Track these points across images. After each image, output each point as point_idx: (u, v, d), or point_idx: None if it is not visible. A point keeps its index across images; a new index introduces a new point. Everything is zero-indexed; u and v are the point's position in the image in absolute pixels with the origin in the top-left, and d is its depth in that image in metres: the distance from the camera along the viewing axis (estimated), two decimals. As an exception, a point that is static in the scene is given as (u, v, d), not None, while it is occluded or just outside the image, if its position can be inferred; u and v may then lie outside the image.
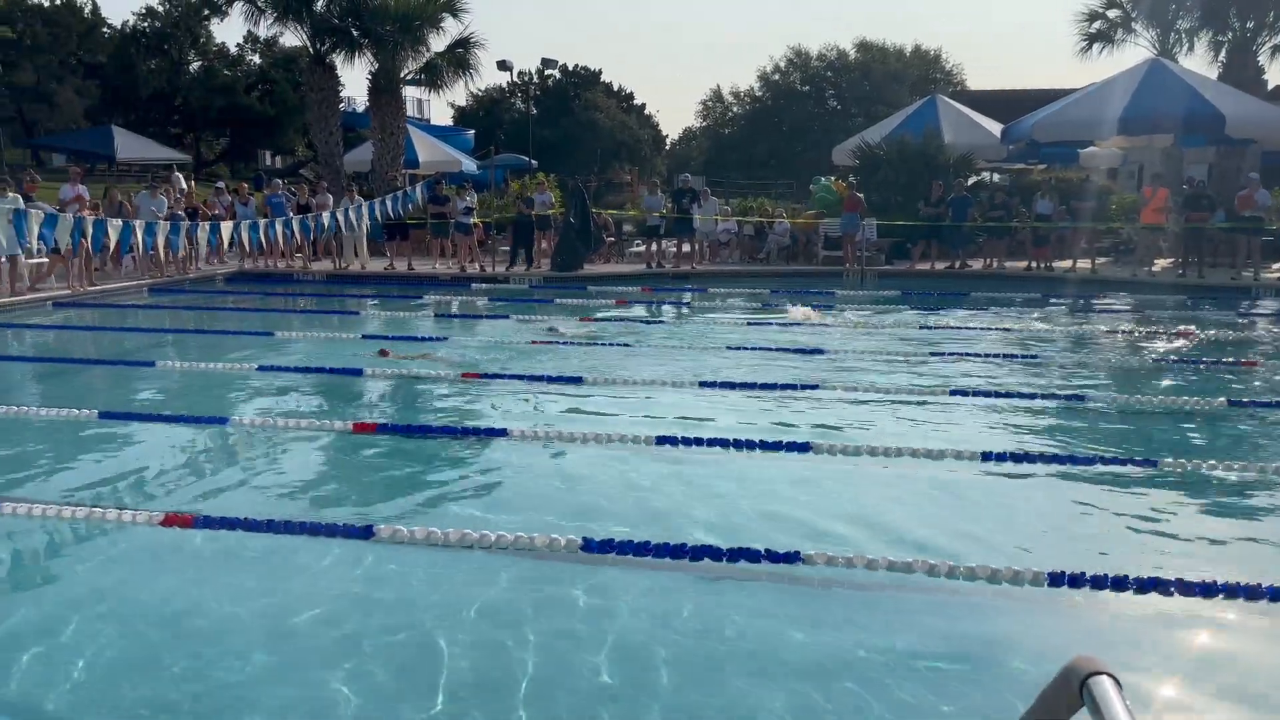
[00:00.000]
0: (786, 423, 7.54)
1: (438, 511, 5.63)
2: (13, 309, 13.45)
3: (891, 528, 5.33)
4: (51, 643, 4.00)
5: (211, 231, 14.38)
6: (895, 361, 10.22)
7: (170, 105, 47.23)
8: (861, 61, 53.86)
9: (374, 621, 4.22)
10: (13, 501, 5.38)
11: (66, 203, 15.82)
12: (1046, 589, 4.42)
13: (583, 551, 4.75)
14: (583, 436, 6.89)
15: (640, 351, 10.71)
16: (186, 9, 46.83)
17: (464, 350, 10.82)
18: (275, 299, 15.61)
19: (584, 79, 60.00)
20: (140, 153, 37.01)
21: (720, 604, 4.39)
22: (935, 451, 6.40)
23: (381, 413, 8.34)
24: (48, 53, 42.58)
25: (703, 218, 19.64)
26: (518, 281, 18.04)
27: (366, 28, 23.23)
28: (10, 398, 8.53)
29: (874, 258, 19.66)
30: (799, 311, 13.53)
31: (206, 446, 7.05)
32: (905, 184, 20.99)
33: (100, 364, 9.85)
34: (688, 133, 69.80)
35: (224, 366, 9.47)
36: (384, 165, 23.59)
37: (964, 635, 4.18)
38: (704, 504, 5.72)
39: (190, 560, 4.86)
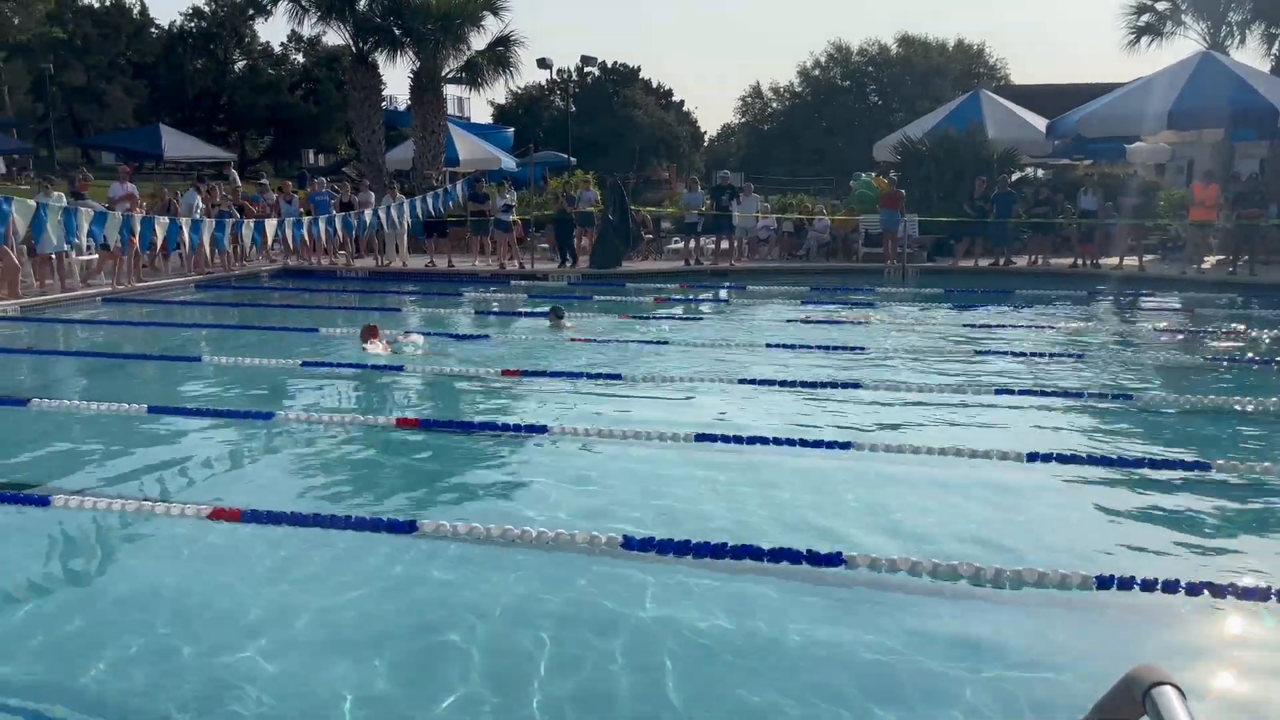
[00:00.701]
0: (827, 421, 7.48)
1: (479, 507, 5.66)
2: (64, 304, 13.74)
3: (935, 529, 5.26)
4: (102, 633, 4.07)
5: (256, 229, 14.56)
6: (938, 360, 10.11)
7: (216, 104, 48.00)
8: (903, 56, 53.35)
9: (417, 616, 4.25)
10: (65, 494, 5.48)
11: (116, 200, 16.12)
12: (1095, 593, 4.35)
13: (623, 549, 4.74)
14: (622, 433, 6.89)
15: (679, 349, 10.69)
16: (232, 9, 47.54)
17: (500, 345, 10.87)
18: (319, 295, 15.79)
19: (623, 76, 60.06)
20: (187, 151, 37.64)
21: (761, 605, 4.36)
22: (980, 451, 6.31)
23: (423, 408, 8.40)
24: (98, 53, 43.45)
25: (742, 215, 19.55)
26: (556, 278, 18.08)
27: (408, 26, 23.41)
28: (62, 392, 8.72)
29: (915, 255, 19.45)
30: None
31: (252, 441, 7.14)
32: (948, 180, 20.74)
33: (149, 359, 10.02)
34: (726, 129, 69.67)
35: (269, 362, 9.60)
36: (425, 163, 23.76)
37: (1010, 640, 4.12)
38: (744, 502, 5.70)
39: (237, 554, 4.93)
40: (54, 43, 41.15)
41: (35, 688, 3.68)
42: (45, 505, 5.34)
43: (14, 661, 3.86)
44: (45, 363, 10.26)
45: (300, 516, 5.15)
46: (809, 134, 52.49)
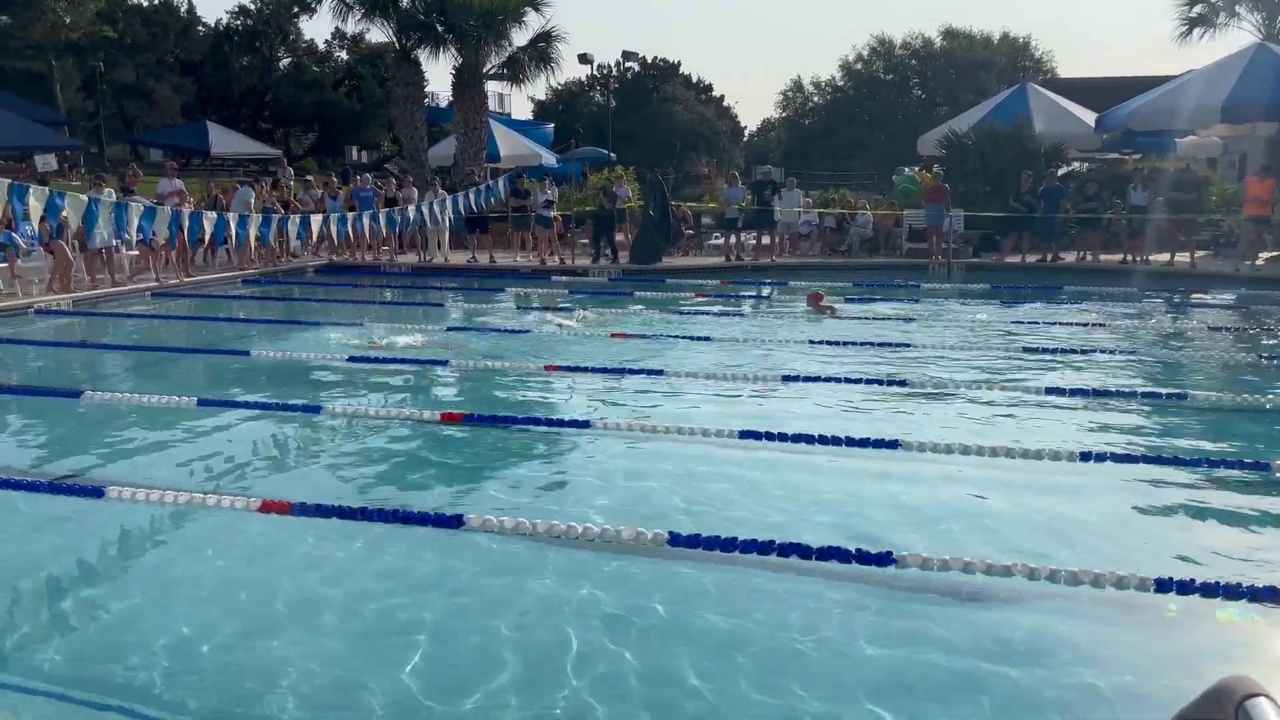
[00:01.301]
0: (873, 419, 7.40)
1: (523, 502, 5.66)
2: (115, 299, 13.99)
3: (987, 529, 5.18)
4: (153, 622, 4.12)
5: (301, 225, 14.72)
6: (985, 357, 9.96)
7: (261, 101, 48.62)
8: (947, 49, 52.65)
9: (464, 610, 4.26)
10: (118, 485, 5.56)
11: (164, 196, 16.38)
12: (1153, 595, 4.25)
13: (669, 545, 4.72)
14: (665, 430, 6.86)
15: (720, 345, 10.63)
16: (278, 7, 48.11)
17: (542, 341, 10.88)
18: (363, 290, 15.93)
19: (663, 71, 59.93)
20: (233, 148, 38.14)
21: (808, 604, 4.32)
22: (1031, 451, 6.20)
23: (468, 403, 8.43)
24: (146, 51, 44.19)
25: (784, 209, 19.42)
26: (596, 274, 18.09)
27: (451, 23, 23.52)
28: (113, 385, 8.87)
29: (960, 250, 19.20)
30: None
31: (300, 434, 7.22)
32: (994, 174, 20.44)
33: (198, 353, 10.17)
34: (766, 124, 69.27)
35: (316, 356, 9.69)
36: (466, 159, 23.87)
37: (1065, 642, 4.04)
38: (790, 500, 5.65)
39: (287, 546, 4.98)
40: (104, 41, 41.89)
41: (87, 673, 3.74)
42: (99, 496, 5.42)
43: (68, 647, 3.92)
44: (97, 356, 10.44)
45: (348, 510, 5.18)
46: (850, 128, 52.01)
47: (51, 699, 3.60)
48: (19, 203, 10.13)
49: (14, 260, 13.65)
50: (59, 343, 11.05)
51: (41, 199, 10.06)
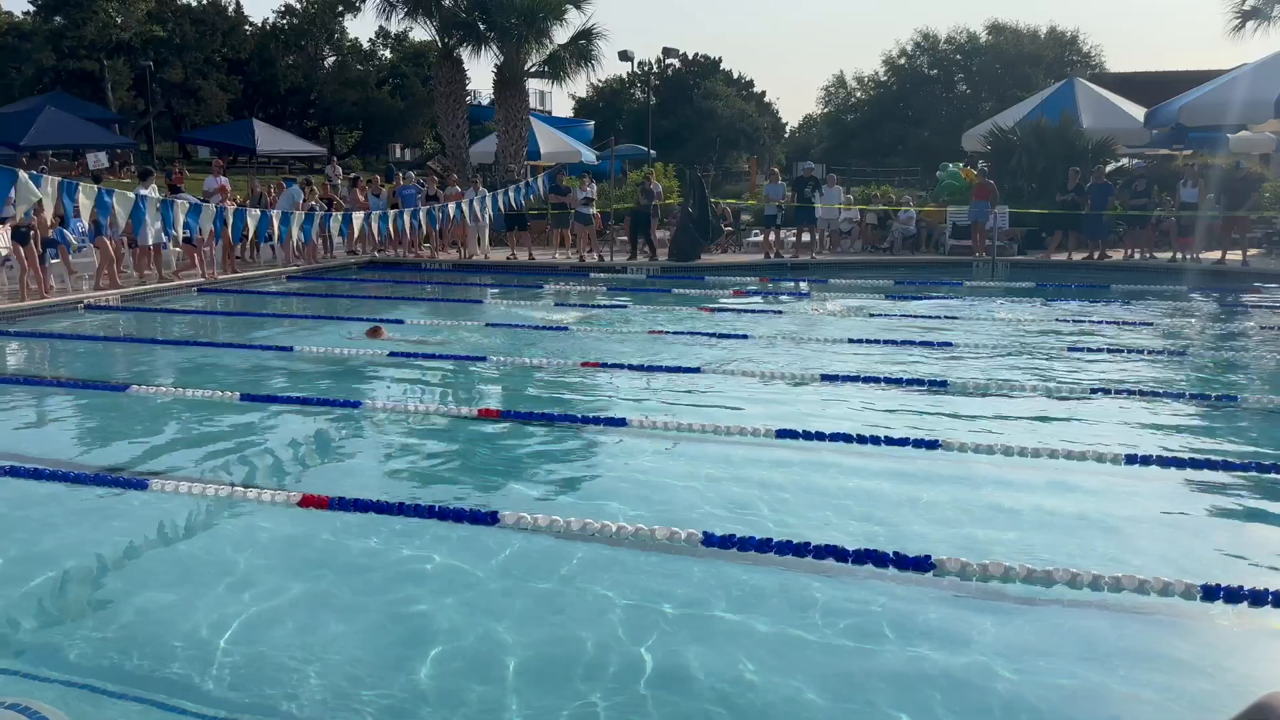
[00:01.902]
0: (914, 419, 7.30)
1: (559, 499, 5.67)
2: (161, 294, 14.23)
3: (1029, 533, 5.09)
4: (194, 614, 4.18)
5: (344, 222, 14.88)
6: (1030, 356, 9.81)
7: (307, 100, 49.18)
8: (993, 44, 51.84)
9: (499, 607, 4.27)
10: (161, 478, 5.65)
11: (210, 193, 16.64)
12: (1199, 602, 4.14)
13: (703, 545, 4.69)
14: (701, 428, 6.83)
15: (759, 343, 10.57)
16: (323, 6, 48.62)
17: (579, 337, 10.89)
18: (405, 287, 16.07)
19: (704, 67, 59.72)
20: (278, 145, 38.67)
21: (845, 607, 4.27)
22: (1075, 453, 6.08)
23: (505, 399, 8.46)
24: (195, 50, 44.87)
25: (824, 206, 19.27)
26: (635, 271, 18.08)
27: (492, 21, 23.60)
28: (159, 379, 9.02)
29: (1005, 247, 18.93)
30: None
31: (340, 429, 7.28)
32: (1040, 170, 20.13)
33: (242, 348, 10.30)
34: (808, 120, 68.74)
35: (357, 351, 9.78)
36: (507, 157, 23.97)
37: (1107, 649, 3.96)
38: (827, 501, 5.60)
39: (325, 541, 5.03)
40: (155, 41, 42.62)
41: (129, 662, 3.79)
42: (143, 489, 5.51)
43: (111, 637, 3.98)
44: (143, 350, 10.63)
45: (386, 505, 5.21)
46: (893, 124, 51.42)
47: (94, 688, 3.65)
48: (70, 200, 10.33)
49: (66, 256, 13.94)
50: (108, 337, 11.26)
51: (91, 196, 10.25)
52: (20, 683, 3.67)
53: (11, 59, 41.25)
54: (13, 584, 4.52)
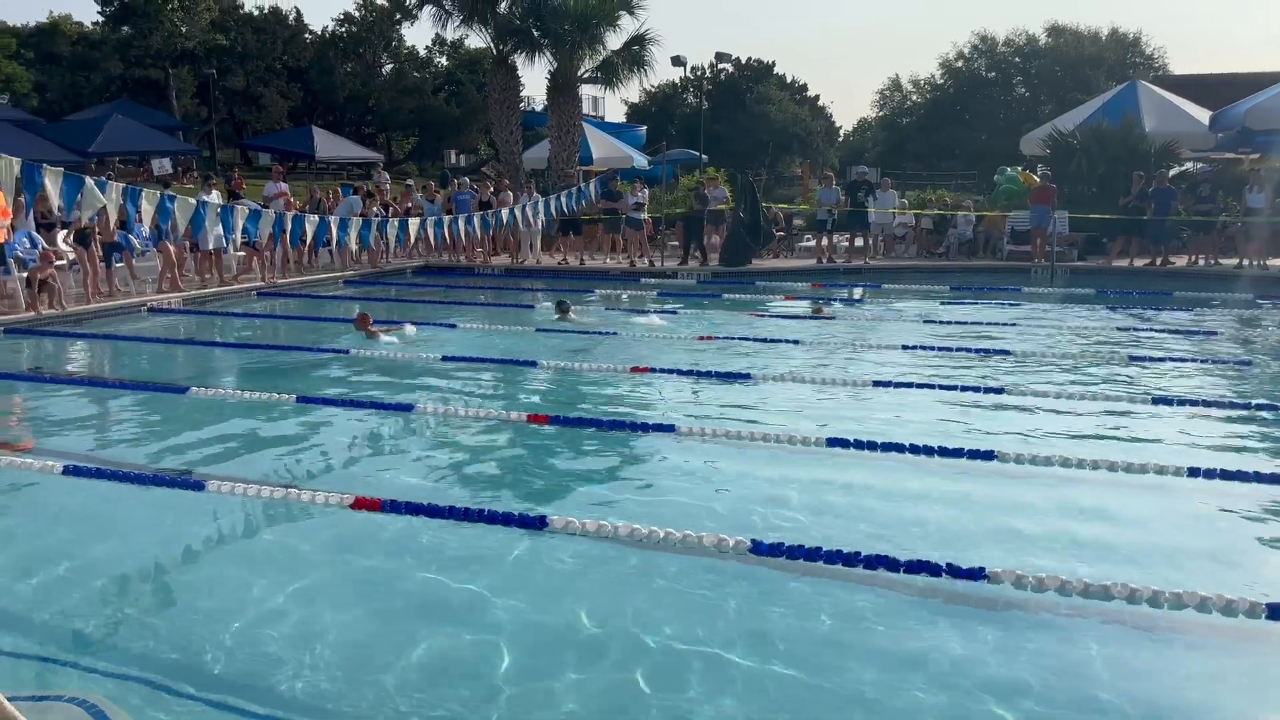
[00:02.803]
0: (968, 429, 7.18)
1: (606, 505, 5.67)
2: (221, 298, 14.54)
3: (1086, 546, 4.97)
4: (248, 616, 4.24)
5: (400, 228, 15.09)
6: (1090, 365, 9.60)
7: (365, 106, 49.96)
8: (1052, 46, 50.96)
9: (546, 612, 4.28)
10: (218, 479, 5.76)
11: (270, 198, 16.98)
12: (1264, 622, 4.01)
13: (752, 554, 4.65)
14: (750, 435, 6.79)
15: (810, 349, 10.49)
16: (380, 14, 49.39)
17: (629, 342, 10.89)
18: (458, 291, 16.22)
19: (757, 72, 59.54)
20: (337, 152, 39.33)
21: (895, 619, 4.21)
22: (1136, 465, 5.93)
23: (554, 404, 8.49)
24: (257, 59, 45.88)
25: (878, 210, 19.08)
26: (685, 276, 18.06)
27: (546, 27, 23.79)
28: (218, 380, 9.20)
29: (1065, 253, 18.56)
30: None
31: (393, 432, 7.37)
32: (1101, 175, 19.72)
33: (299, 350, 10.48)
34: (862, 123, 68.17)
35: (410, 355, 9.89)
36: (560, 162, 24.11)
37: (1167, 668, 3.85)
38: (878, 511, 5.53)
39: (377, 542, 5.08)
40: (218, 49, 43.69)
41: (183, 659, 3.86)
42: (200, 489, 5.62)
43: (166, 633, 4.06)
44: (204, 353, 10.86)
45: (436, 508, 5.26)
46: (950, 127, 50.76)
47: (151, 683, 3.73)
48: (133, 206, 10.60)
49: (130, 260, 14.31)
50: (170, 339, 11.52)
51: (153, 202, 10.51)
52: (80, 677, 3.76)
53: (81, 68, 42.55)
54: (74, 581, 4.63)
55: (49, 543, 5.14)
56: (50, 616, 4.28)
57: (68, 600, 4.43)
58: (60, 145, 28.88)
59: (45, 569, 4.75)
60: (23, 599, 4.45)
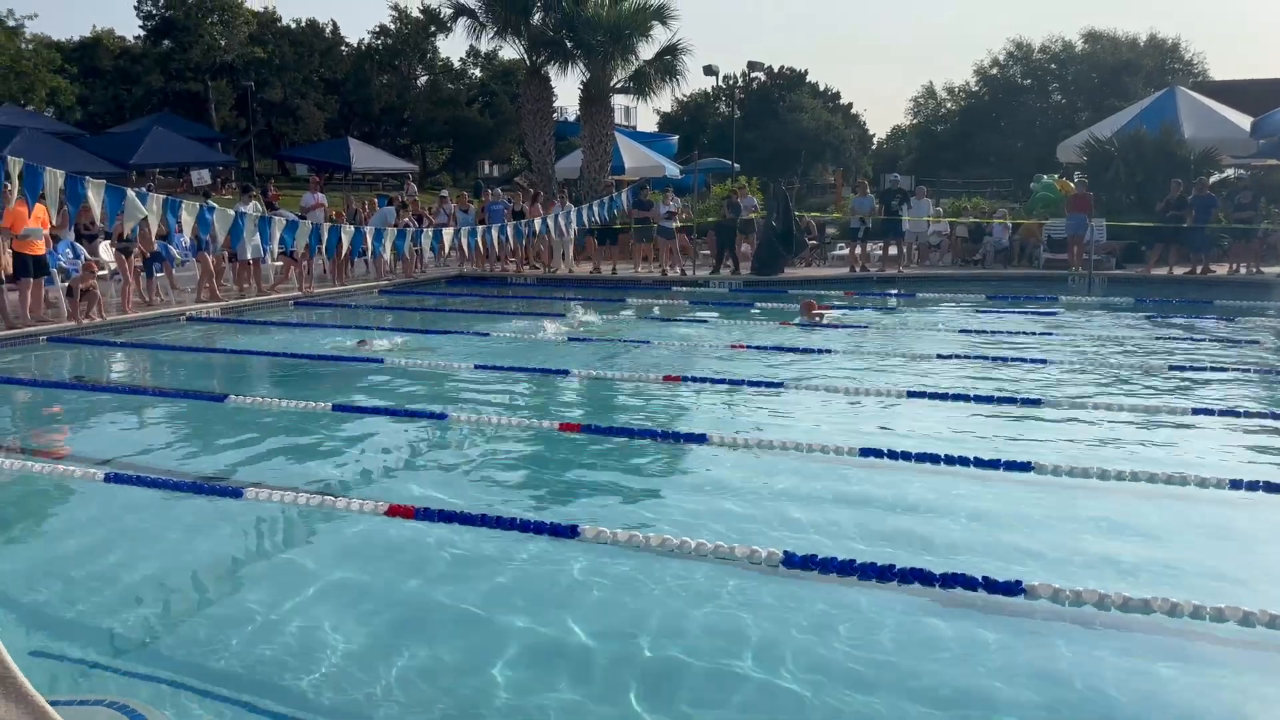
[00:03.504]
0: (1005, 440, 7.10)
1: (638, 514, 5.67)
2: (258, 307, 14.73)
3: (1125, 560, 4.90)
4: (284, 622, 4.29)
5: (435, 238, 15.22)
6: (1128, 375, 9.46)
7: (400, 118, 50.51)
8: (1089, 52, 50.42)
9: (577, 621, 4.28)
10: (255, 487, 5.82)
11: (308, 209, 17.19)
12: (1311, 639, 3.93)
13: (784, 566, 4.62)
14: (783, 445, 6.74)
15: (843, 358, 10.42)
16: (415, 27, 49.93)
17: (661, 351, 10.90)
18: (491, 300, 16.32)
19: (789, 80, 59.45)
20: (373, 163, 39.74)
21: (930, 632, 4.16)
22: (1176, 476, 5.83)
23: (585, 413, 8.51)
24: (294, 71, 46.57)
25: (912, 218, 18.96)
26: (717, 285, 18.04)
27: (579, 39, 23.89)
28: (255, 389, 9.32)
29: (1103, 261, 18.34)
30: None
31: (427, 440, 7.42)
32: (1139, 182, 19.48)
33: (334, 359, 10.58)
34: (896, 131, 67.78)
35: (444, 364, 9.96)
36: (592, 172, 24.20)
37: (1208, 685, 3.78)
38: (913, 523, 5.47)
39: (411, 550, 5.11)
40: (256, 62, 44.40)
41: (219, 665, 3.90)
42: (238, 497, 5.69)
43: (203, 638, 4.11)
44: (241, 361, 11.00)
45: (469, 516, 5.28)
46: (985, 135, 50.36)
47: (188, 688, 3.77)
48: (173, 217, 10.78)
49: (170, 270, 14.54)
50: (208, 348, 11.68)
51: (193, 213, 10.68)
52: (119, 681, 3.82)
53: (123, 81, 43.41)
54: (112, 586, 4.71)
55: (90, 548, 5.22)
56: (90, 621, 4.35)
57: (107, 605, 4.50)
58: (102, 157, 29.47)
59: (86, 574, 4.83)
60: (64, 603, 4.52)
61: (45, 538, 5.48)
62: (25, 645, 3.92)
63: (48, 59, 37.58)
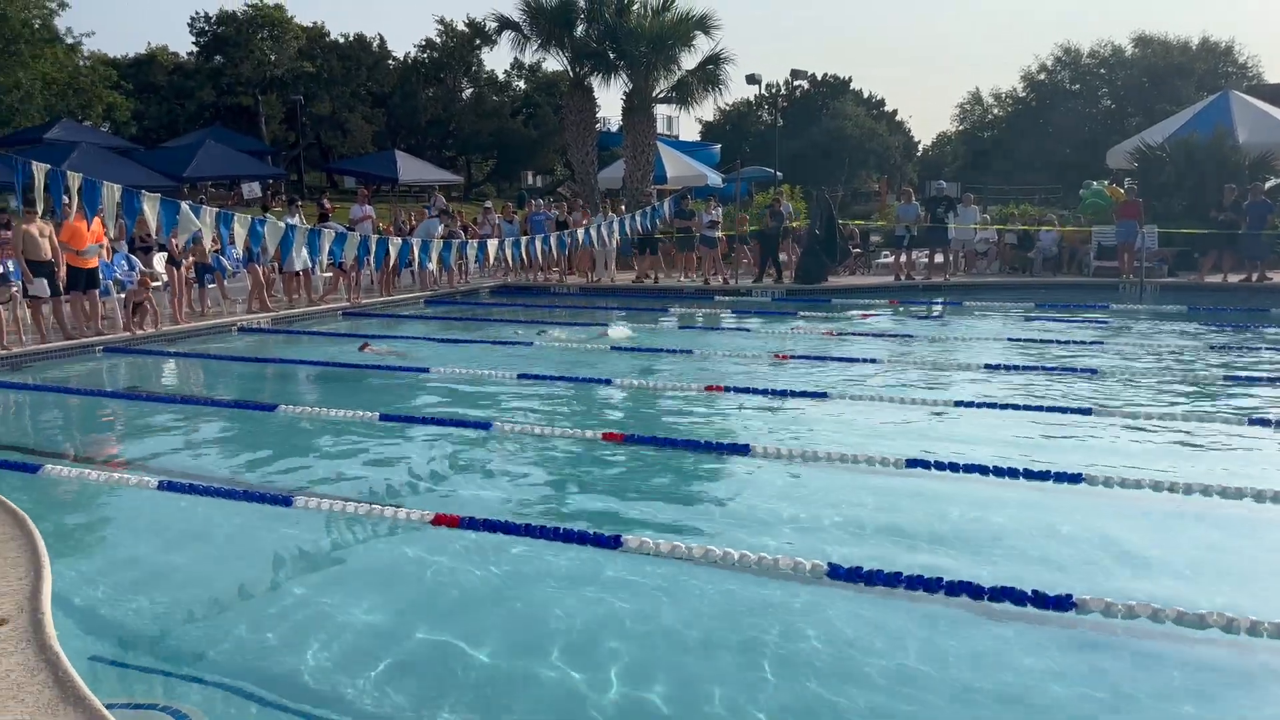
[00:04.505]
0: (1054, 451, 6.99)
1: (681, 525, 5.66)
2: (307, 318, 14.96)
3: (1179, 574, 4.80)
4: (333, 629, 4.34)
5: (479, 248, 15.37)
6: (1181, 385, 9.28)
7: (445, 130, 51.01)
8: (1139, 56, 49.57)
9: (618, 632, 4.28)
10: (304, 495, 5.91)
11: (356, 221, 17.44)
12: (1376, 657, 3.81)
13: (828, 578, 4.59)
14: (827, 455, 6.70)
15: (888, 368, 10.34)
16: (461, 40, 50.46)
17: (703, 361, 10.88)
18: (534, 310, 16.42)
19: (833, 87, 59.19)
20: (419, 175, 40.15)
21: (979, 647, 4.11)
22: (1231, 489, 5.69)
23: (628, 423, 8.52)
24: (342, 85, 47.24)
25: (959, 226, 18.76)
26: (760, 294, 17.99)
27: (622, 50, 24.03)
28: (304, 398, 9.46)
29: (1155, 269, 18.00)
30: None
31: (472, 449, 7.48)
32: (1191, 188, 19.10)
33: (381, 369, 10.71)
34: (941, 137, 67.17)
35: (488, 373, 10.04)
36: (635, 182, 24.28)
37: (1267, 703, 3.68)
38: (960, 535, 5.41)
39: (457, 559, 5.15)
40: (305, 76, 45.15)
41: (268, 669, 3.96)
42: (288, 505, 5.78)
43: (251, 644, 4.18)
44: (291, 371, 11.18)
45: (513, 526, 5.32)
46: (1032, 140, 49.69)
47: (237, 692, 3.83)
48: (226, 229, 10.99)
49: (221, 281, 14.83)
50: (259, 358, 11.88)
51: (245, 225, 10.88)
52: (172, 686, 3.89)
53: (177, 96, 44.40)
54: (165, 593, 4.80)
55: (143, 555, 5.33)
56: (143, 627, 4.44)
57: (160, 611, 4.59)
58: (156, 171, 30.12)
59: (139, 580, 4.93)
60: (117, 609, 4.62)
61: (100, 545, 5.61)
62: (82, 650, 4.01)
63: (104, 75, 38.54)
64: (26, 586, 4.10)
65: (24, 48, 34.44)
